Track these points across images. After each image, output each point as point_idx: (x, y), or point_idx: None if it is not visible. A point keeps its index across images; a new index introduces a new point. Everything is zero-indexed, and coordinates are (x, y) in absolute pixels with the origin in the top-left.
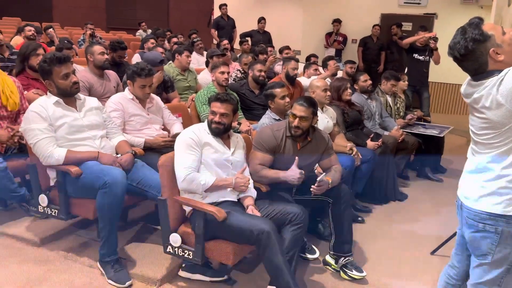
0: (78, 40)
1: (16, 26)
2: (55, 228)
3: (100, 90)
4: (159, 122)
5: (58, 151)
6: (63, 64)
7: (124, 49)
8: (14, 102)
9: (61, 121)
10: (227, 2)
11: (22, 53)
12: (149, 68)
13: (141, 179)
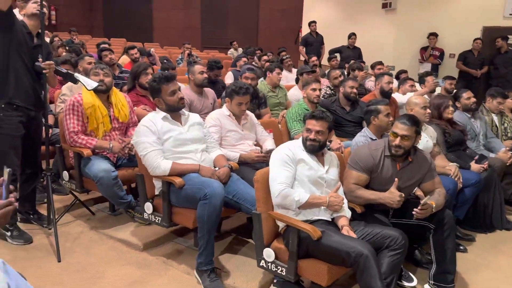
0: (177, 59)
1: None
2: (157, 234)
3: (199, 107)
4: (252, 138)
5: (164, 163)
6: (170, 82)
7: (220, 68)
8: (125, 114)
9: (168, 135)
10: (316, 19)
11: (133, 72)
12: (246, 87)
13: (236, 192)
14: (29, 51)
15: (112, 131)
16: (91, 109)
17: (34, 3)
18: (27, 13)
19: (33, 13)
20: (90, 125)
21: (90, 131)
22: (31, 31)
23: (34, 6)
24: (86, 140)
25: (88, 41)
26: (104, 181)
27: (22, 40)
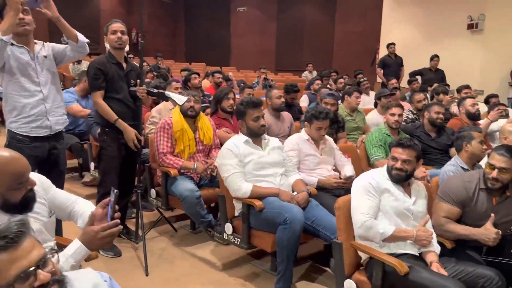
0: (253, 82)
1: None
2: (235, 255)
3: (276, 130)
4: (331, 163)
5: (245, 185)
6: (256, 108)
7: (296, 91)
8: (209, 137)
9: (249, 158)
10: (395, 41)
11: (216, 97)
12: (326, 112)
13: (315, 219)
14: (121, 78)
15: (196, 153)
16: (180, 133)
17: (114, 35)
18: (111, 45)
19: (115, 48)
20: (178, 147)
21: (177, 153)
22: (119, 60)
23: (115, 39)
24: (173, 161)
25: (171, 66)
26: (188, 200)
27: (115, 73)
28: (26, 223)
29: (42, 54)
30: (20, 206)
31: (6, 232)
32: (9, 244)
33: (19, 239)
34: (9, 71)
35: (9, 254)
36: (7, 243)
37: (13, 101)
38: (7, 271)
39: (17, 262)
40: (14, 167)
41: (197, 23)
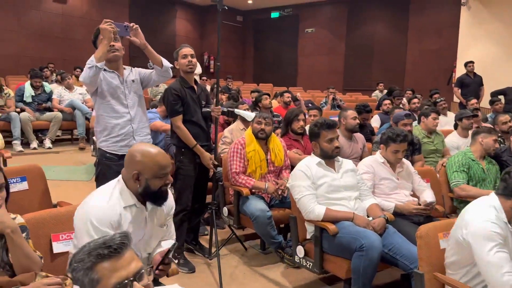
0: (320, 102)
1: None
2: (306, 280)
3: (348, 151)
4: (408, 188)
5: (318, 208)
6: (330, 129)
7: (369, 112)
8: (280, 159)
9: (322, 181)
10: (473, 59)
11: (287, 118)
12: (404, 134)
13: (393, 246)
14: (194, 101)
15: (267, 174)
16: (252, 153)
17: (184, 59)
18: (182, 69)
19: (187, 71)
20: (250, 167)
21: (249, 173)
22: (191, 84)
23: (186, 63)
24: (246, 180)
25: (240, 87)
26: (260, 220)
27: (189, 97)
28: (128, 235)
29: (130, 79)
30: (156, 195)
31: (110, 243)
32: (113, 254)
33: (122, 250)
34: (101, 94)
35: (111, 263)
36: (111, 253)
37: (104, 122)
38: (108, 279)
39: (117, 272)
40: (160, 158)
41: (265, 46)
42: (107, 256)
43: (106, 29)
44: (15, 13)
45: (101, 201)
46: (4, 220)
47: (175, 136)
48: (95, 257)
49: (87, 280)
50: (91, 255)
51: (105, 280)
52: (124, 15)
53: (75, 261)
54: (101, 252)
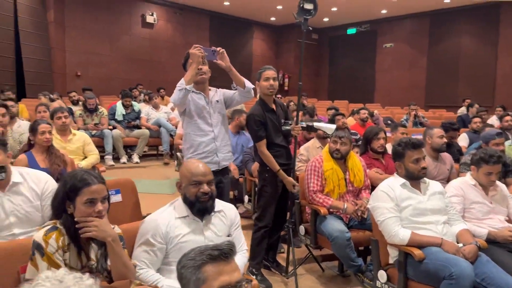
0: (401, 119)
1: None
2: None
3: (433, 173)
4: (503, 213)
5: (403, 232)
6: (416, 149)
7: (456, 130)
8: (360, 179)
9: (407, 203)
10: None
11: (366, 137)
12: (498, 156)
13: (486, 276)
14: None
15: (346, 193)
16: (330, 172)
17: (266, 82)
18: (262, 91)
19: (267, 94)
20: (327, 186)
21: (326, 192)
22: (271, 107)
23: (267, 86)
24: (323, 199)
25: (314, 104)
26: (338, 241)
27: (270, 121)
28: (235, 246)
29: (215, 99)
30: (193, 203)
31: (220, 247)
32: (222, 257)
33: (230, 256)
34: (188, 114)
35: (219, 266)
36: (220, 255)
37: (190, 140)
38: (213, 281)
39: (222, 276)
40: (193, 167)
41: (341, 62)
42: (217, 258)
43: (195, 53)
44: (109, 39)
45: (155, 214)
46: (106, 229)
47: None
48: (206, 256)
49: (194, 278)
50: (202, 254)
51: (210, 281)
52: (204, 38)
53: (186, 259)
54: (212, 253)
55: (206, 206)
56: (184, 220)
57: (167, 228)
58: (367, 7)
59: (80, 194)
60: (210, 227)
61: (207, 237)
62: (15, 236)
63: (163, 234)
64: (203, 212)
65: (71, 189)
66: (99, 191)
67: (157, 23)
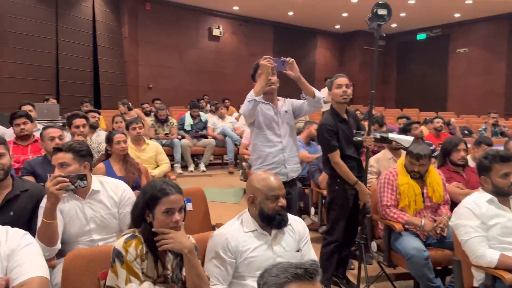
0: (479, 129)
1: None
2: None
3: None
4: None
5: (490, 253)
6: (505, 162)
7: None
8: (439, 194)
9: (494, 221)
10: None
11: (444, 148)
12: None
13: None
14: (346, 134)
15: (423, 209)
16: (405, 186)
17: (339, 89)
18: (335, 99)
19: (340, 102)
20: (402, 201)
21: (401, 207)
22: (342, 116)
23: (340, 93)
24: (398, 215)
25: (382, 112)
26: (415, 260)
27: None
28: (319, 267)
29: (284, 109)
30: (271, 218)
31: (305, 265)
32: (306, 277)
33: (314, 277)
34: (257, 125)
35: (303, 285)
36: (305, 275)
37: (258, 151)
38: None
39: None
40: (270, 181)
41: (410, 69)
42: (301, 277)
43: (265, 64)
44: (178, 52)
45: (224, 228)
46: (183, 241)
47: (330, 167)
48: (290, 274)
49: None
50: (286, 271)
51: None
52: (268, 49)
53: (268, 275)
54: (296, 272)
55: (284, 219)
56: (252, 234)
57: (236, 243)
58: (438, 11)
59: (159, 204)
60: (279, 242)
61: (276, 251)
62: (94, 242)
63: (233, 249)
64: (282, 225)
65: (150, 199)
66: (176, 201)
67: (223, 36)
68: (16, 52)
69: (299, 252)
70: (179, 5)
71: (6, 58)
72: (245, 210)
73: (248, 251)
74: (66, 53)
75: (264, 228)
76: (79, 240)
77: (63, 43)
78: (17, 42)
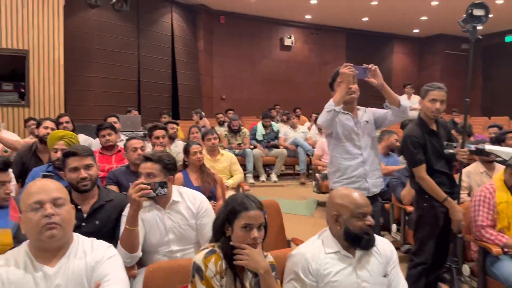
0: None
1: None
2: None
3: None
4: None
5: None
6: None
7: None
8: None
9: None
10: None
11: None
12: None
13: None
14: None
15: None
16: (504, 205)
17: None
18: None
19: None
20: (500, 222)
21: (499, 228)
22: (431, 128)
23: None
24: (496, 236)
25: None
26: None
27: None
28: None
29: (364, 119)
30: (358, 237)
31: None
32: None
33: None
34: (336, 136)
35: None
36: None
37: (336, 163)
38: None
39: None
40: (356, 197)
41: (498, 74)
42: None
43: (346, 72)
44: (250, 63)
45: (304, 248)
46: (259, 260)
47: (416, 182)
48: None
49: None
50: None
51: None
52: (341, 56)
53: None
54: None
55: (372, 239)
56: (334, 256)
57: (318, 265)
58: None
59: (238, 218)
60: (364, 265)
61: (360, 276)
62: (173, 253)
63: (314, 271)
64: (369, 246)
65: (230, 212)
66: (256, 217)
67: (294, 45)
68: (102, 67)
69: (386, 277)
70: (252, 17)
71: (93, 73)
72: (326, 229)
73: (330, 274)
74: (146, 67)
75: (347, 249)
76: (159, 251)
77: (144, 58)
78: (103, 58)
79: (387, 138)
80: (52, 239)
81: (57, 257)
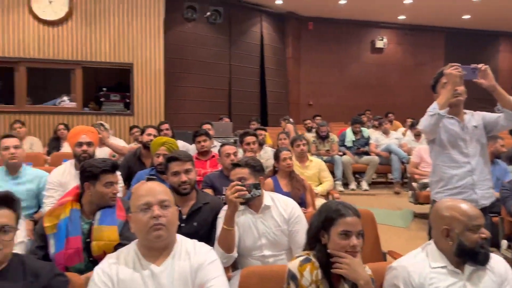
0: None
1: None
2: None
3: None
4: None
5: None
6: None
7: None
8: None
9: None
10: None
11: None
12: None
13: None
14: None
15: None
16: None
17: None
18: None
19: None
20: None
21: None
22: None
23: None
24: None
25: None
26: None
27: None
28: None
29: (472, 124)
30: (474, 252)
31: None
32: None
33: None
34: (439, 143)
35: None
36: None
37: (439, 172)
38: None
39: None
40: (468, 208)
41: None
42: None
43: (452, 73)
44: (338, 68)
45: (406, 260)
46: (359, 270)
47: None
48: None
49: None
50: None
51: None
52: (438, 57)
53: None
54: None
55: (488, 254)
56: (442, 271)
57: (422, 279)
58: None
59: (335, 225)
60: (475, 283)
61: None
62: (265, 258)
63: (416, 285)
64: (486, 261)
65: (326, 219)
66: (354, 224)
67: (387, 47)
68: (197, 78)
69: None
70: (341, 21)
71: (190, 83)
72: (430, 242)
73: None
74: (237, 76)
75: (456, 264)
76: (252, 254)
77: (235, 67)
78: (198, 69)
79: (492, 144)
80: (159, 239)
81: (162, 256)
